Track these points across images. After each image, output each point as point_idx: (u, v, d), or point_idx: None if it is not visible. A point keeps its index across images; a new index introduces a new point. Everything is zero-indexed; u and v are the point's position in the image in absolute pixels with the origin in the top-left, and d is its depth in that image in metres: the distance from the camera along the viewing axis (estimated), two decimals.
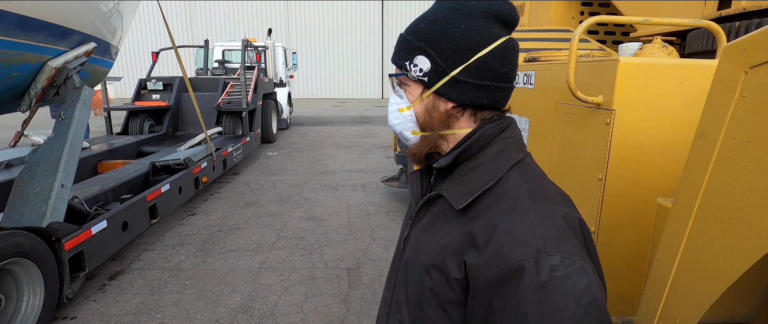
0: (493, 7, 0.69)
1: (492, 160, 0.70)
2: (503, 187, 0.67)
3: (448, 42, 0.69)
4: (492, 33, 0.69)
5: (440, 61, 0.70)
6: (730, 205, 0.76)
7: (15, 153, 4.67)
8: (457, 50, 0.69)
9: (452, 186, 0.72)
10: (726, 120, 0.76)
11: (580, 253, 0.60)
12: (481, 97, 0.71)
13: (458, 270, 0.64)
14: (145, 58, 22.19)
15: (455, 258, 0.65)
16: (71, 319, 2.92)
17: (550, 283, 0.56)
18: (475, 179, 0.69)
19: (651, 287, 0.97)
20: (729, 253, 0.76)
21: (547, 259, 0.57)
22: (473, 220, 0.66)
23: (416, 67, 0.72)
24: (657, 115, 1.41)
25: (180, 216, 4.97)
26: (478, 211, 0.67)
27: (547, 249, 0.58)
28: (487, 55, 0.69)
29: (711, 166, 0.80)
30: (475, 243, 0.63)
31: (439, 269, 0.67)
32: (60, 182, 2.97)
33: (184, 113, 7.85)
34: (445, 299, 0.67)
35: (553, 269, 0.57)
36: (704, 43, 2.25)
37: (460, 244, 0.65)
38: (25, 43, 2.94)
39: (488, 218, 0.64)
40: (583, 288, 0.57)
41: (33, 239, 2.53)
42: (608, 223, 1.49)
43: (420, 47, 0.72)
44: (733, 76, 0.75)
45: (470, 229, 0.65)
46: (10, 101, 3.38)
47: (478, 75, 0.69)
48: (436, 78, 0.71)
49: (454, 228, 0.68)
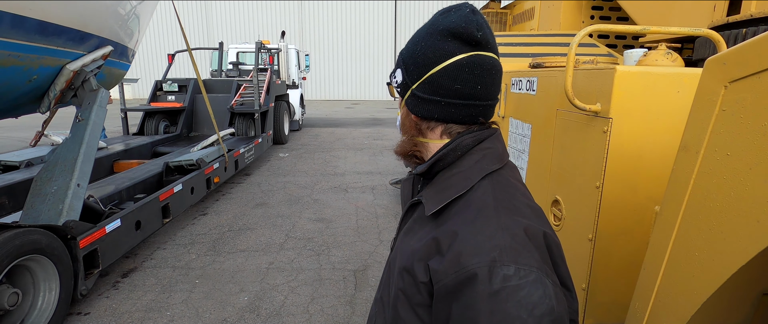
0: (452, 25, 0.71)
1: (468, 170, 0.72)
2: (472, 197, 0.69)
3: (412, 58, 0.75)
4: (445, 50, 0.71)
5: (406, 76, 0.77)
6: (710, 216, 0.77)
7: (35, 152, 4.83)
8: (416, 66, 0.74)
9: (429, 192, 0.75)
10: (707, 133, 0.78)
11: (538, 265, 0.61)
12: (431, 111, 0.75)
13: (424, 274, 0.67)
14: (161, 60, 22.61)
15: (422, 262, 0.68)
16: (85, 314, 3.01)
17: (502, 292, 0.58)
18: (449, 187, 0.72)
19: (638, 295, 0.98)
20: (709, 263, 0.77)
21: (501, 268, 0.59)
22: (440, 226, 0.69)
23: (395, 80, 0.80)
24: (655, 123, 1.41)
25: (192, 216, 5.08)
26: (446, 217, 0.70)
27: (501, 259, 0.60)
28: (439, 72, 0.72)
29: (693, 178, 0.81)
30: (439, 249, 0.66)
31: (409, 272, 0.70)
32: (76, 182, 3.07)
33: (198, 114, 8.00)
34: (415, 302, 0.69)
35: (505, 279, 0.58)
36: (712, 49, 2.23)
37: (427, 249, 0.68)
38: (45, 48, 3.05)
39: (452, 225, 0.67)
40: (537, 299, 0.58)
41: (50, 237, 2.62)
42: (606, 231, 1.49)
43: (400, 62, 0.79)
44: (713, 90, 0.77)
45: (436, 235, 0.68)
46: (30, 103, 3.51)
47: (430, 90, 0.74)
48: (404, 91, 0.78)
49: (425, 233, 0.71)
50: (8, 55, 2.76)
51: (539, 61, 2.19)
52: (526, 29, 4.72)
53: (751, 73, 0.70)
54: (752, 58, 0.69)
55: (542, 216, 0.71)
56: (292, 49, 12.19)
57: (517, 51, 3.07)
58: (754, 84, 0.69)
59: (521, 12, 4.92)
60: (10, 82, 2.99)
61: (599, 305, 1.54)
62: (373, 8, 23.54)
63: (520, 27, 4.91)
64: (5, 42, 2.68)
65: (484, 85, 0.73)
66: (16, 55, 2.83)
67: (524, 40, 3.30)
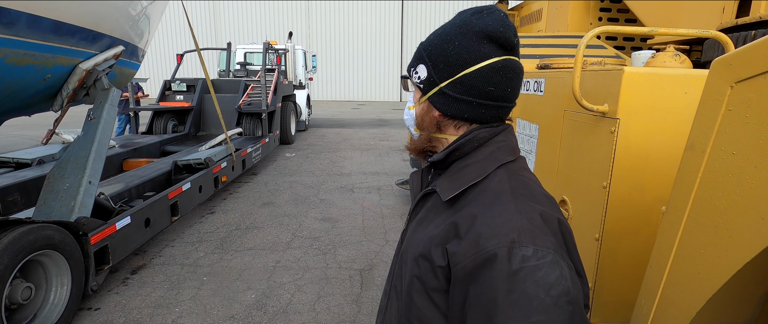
0: (489, 28, 0.72)
1: (483, 161, 0.75)
2: (488, 183, 0.72)
3: (442, 56, 0.75)
4: (482, 53, 0.73)
5: (433, 72, 0.77)
6: (716, 215, 0.78)
7: (47, 150, 4.90)
8: (447, 65, 0.75)
9: (444, 181, 0.77)
10: (713, 132, 0.79)
11: (554, 247, 0.63)
12: (462, 111, 0.76)
13: (442, 258, 0.69)
14: (170, 59, 22.81)
15: (440, 246, 0.69)
16: (95, 310, 3.06)
17: (521, 271, 0.60)
18: (464, 176, 0.74)
19: (644, 293, 0.99)
20: (714, 261, 0.78)
21: (520, 249, 0.61)
22: (458, 211, 0.71)
23: (417, 74, 0.80)
24: (662, 124, 1.42)
25: (200, 214, 5.13)
26: (463, 203, 0.72)
27: (520, 240, 0.62)
28: (473, 73, 0.73)
29: (699, 177, 0.82)
30: (458, 232, 0.68)
31: (426, 258, 0.71)
32: (88, 179, 3.12)
33: (206, 114, 8.06)
34: (430, 287, 0.71)
35: (524, 259, 0.60)
36: (720, 51, 2.23)
37: (444, 234, 0.70)
38: (59, 47, 3.11)
39: (470, 209, 0.69)
40: (554, 280, 0.60)
41: (62, 233, 2.67)
42: (613, 231, 1.50)
43: (422, 57, 0.79)
44: (720, 90, 0.78)
45: (454, 220, 0.70)
46: (44, 101, 3.57)
47: (462, 90, 0.75)
48: (429, 87, 0.78)
49: (442, 220, 0.73)
50: (24, 54, 2.82)
51: (547, 62, 2.20)
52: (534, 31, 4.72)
53: (756, 74, 0.71)
54: (758, 58, 0.70)
55: (555, 204, 0.74)
56: (299, 49, 12.26)
57: (525, 52, 3.08)
58: (760, 84, 0.70)
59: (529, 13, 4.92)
60: (25, 80, 3.05)
61: (605, 304, 1.55)
62: (380, 9, 23.59)
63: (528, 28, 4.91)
64: (21, 41, 2.74)
65: (513, 89, 0.76)
66: (32, 55, 2.88)
67: (532, 42, 3.31)
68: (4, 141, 9.13)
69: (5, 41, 2.62)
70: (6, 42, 2.63)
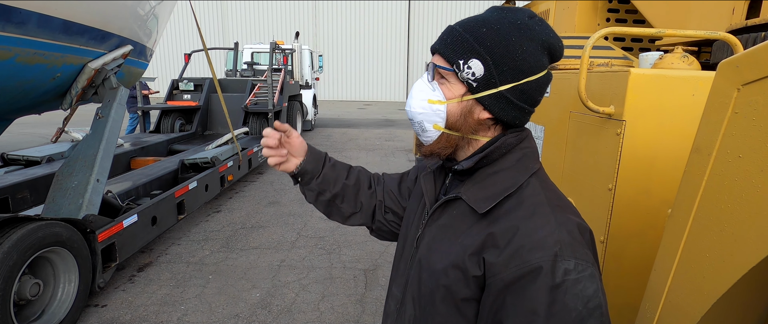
0: (551, 40, 0.73)
1: (512, 168, 0.75)
2: (524, 194, 0.72)
3: (507, 57, 0.71)
4: (542, 63, 0.73)
5: (495, 72, 0.71)
6: (721, 218, 0.78)
7: (56, 148, 4.97)
8: (512, 69, 0.71)
9: (472, 190, 0.75)
10: (719, 135, 0.78)
11: (591, 261, 0.65)
12: (516, 117, 0.75)
13: (478, 267, 0.69)
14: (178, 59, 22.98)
15: (475, 256, 0.70)
16: (102, 306, 3.09)
17: (563, 285, 0.62)
18: (495, 184, 0.74)
19: (648, 297, 0.98)
20: (719, 265, 0.77)
21: (563, 262, 0.62)
22: (495, 222, 0.70)
23: (470, 70, 0.72)
24: (670, 126, 1.41)
25: (206, 212, 5.16)
26: (499, 214, 0.71)
27: (563, 254, 0.63)
28: (533, 82, 0.73)
29: (705, 180, 0.81)
30: (496, 243, 0.68)
31: (458, 267, 0.71)
32: (96, 177, 3.16)
33: (213, 113, 8.12)
34: (460, 296, 0.71)
35: (566, 273, 0.62)
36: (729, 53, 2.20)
37: (481, 244, 0.70)
38: (68, 46, 3.15)
39: (510, 221, 0.69)
40: (591, 293, 0.63)
41: (70, 230, 2.70)
42: (618, 234, 1.49)
43: (478, 52, 0.71)
44: (726, 93, 0.77)
45: (492, 230, 0.69)
46: (53, 99, 3.62)
47: (522, 97, 0.73)
48: (485, 87, 0.72)
49: (475, 230, 0.72)
50: (34, 54, 2.86)
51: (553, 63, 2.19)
52: None
53: (763, 76, 0.70)
54: (765, 61, 0.70)
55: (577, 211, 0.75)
56: (306, 49, 12.29)
57: None
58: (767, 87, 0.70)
59: None
60: (35, 79, 3.09)
61: (610, 308, 1.53)
62: (387, 9, 23.59)
63: None
64: (32, 40, 2.77)
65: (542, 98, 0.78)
66: (42, 54, 2.92)
67: None
68: (15, 139, 9.25)
69: (16, 40, 2.66)
70: (17, 41, 2.67)
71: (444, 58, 0.74)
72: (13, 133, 9.69)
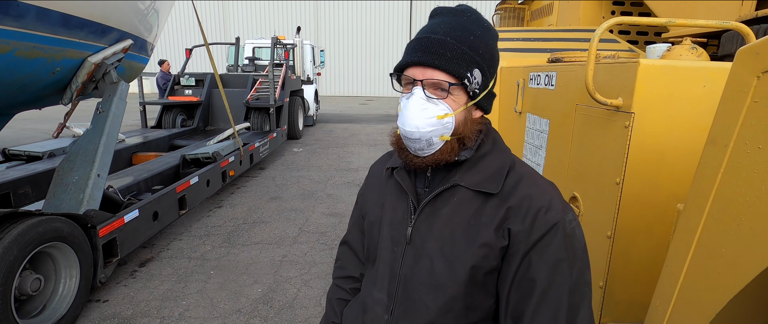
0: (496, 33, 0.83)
1: (494, 151, 0.84)
2: (517, 170, 0.82)
3: (492, 60, 0.81)
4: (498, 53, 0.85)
5: (489, 75, 0.81)
6: (739, 212, 0.75)
7: (58, 143, 4.95)
8: (494, 67, 0.82)
9: (469, 176, 0.82)
10: (737, 125, 0.75)
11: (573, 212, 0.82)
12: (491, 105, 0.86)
13: (503, 239, 0.78)
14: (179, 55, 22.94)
15: (499, 230, 0.78)
16: (104, 302, 3.08)
17: (571, 232, 0.77)
18: (488, 167, 0.82)
19: (659, 293, 0.96)
20: (736, 261, 0.75)
21: (567, 215, 0.78)
22: (507, 197, 0.79)
23: (475, 80, 0.78)
24: (679, 119, 1.37)
25: (207, 208, 5.15)
26: (507, 190, 0.81)
27: (565, 209, 0.79)
28: None
29: (721, 173, 0.78)
30: (517, 213, 0.78)
31: (486, 245, 0.78)
32: (96, 172, 3.14)
33: (214, 108, 8.10)
34: (486, 270, 0.79)
35: (570, 222, 0.78)
36: (739, 45, 2.16)
37: (502, 218, 0.78)
38: (67, 40, 3.12)
39: (521, 193, 0.79)
40: (580, 235, 0.79)
41: (71, 225, 2.69)
42: (625, 229, 1.46)
43: (477, 62, 0.78)
44: (745, 81, 0.74)
45: (509, 205, 0.79)
46: (53, 94, 3.59)
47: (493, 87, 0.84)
48: (482, 90, 0.81)
49: (489, 209, 0.80)
50: (33, 47, 2.83)
51: (558, 55, 2.15)
52: (545, 25, 4.64)
53: None
54: None
55: None
56: (308, 44, 12.24)
57: (535, 46, 3.03)
58: None
59: (539, 8, 4.84)
60: (34, 73, 3.06)
61: (617, 304, 1.51)
62: (389, 4, 23.48)
63: (538, 23, 4.83)
64: (30, 34, 2.75)
65: None
66: (41, 48, 2.89)
67: (542, 36, 3.25)
68: (16, 134, 9.26)
69: (15, 34, 2.63)
70: (16, 35, 2.64)
71: (447, 73, 0.77)
72: (14, 128, 9.70)
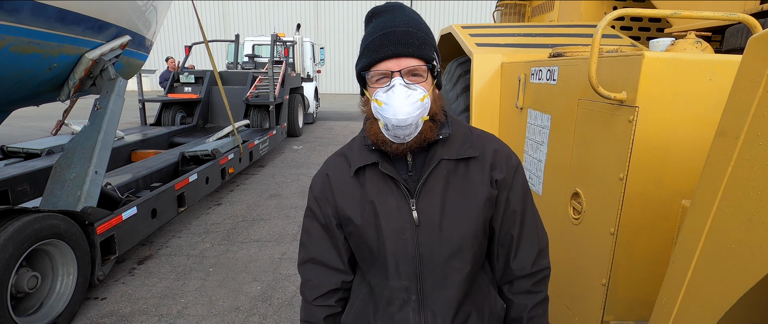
0: None
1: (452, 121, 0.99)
2: (473, 131, 1.01)
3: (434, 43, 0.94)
4: None
5: (438, 56, 0.93)
6: (750, 206, 0.72)
7: (56, 141, 4.93)
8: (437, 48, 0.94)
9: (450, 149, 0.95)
10: (749, 116, 0.72)
11: None
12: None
13: (494, 189, 0.96)
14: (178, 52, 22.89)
15: (491, 183, 0.95)
16: (102, 299, 3.06)
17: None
18: (457, 136, 0.96)
19: (666, 291, 0.93)
20: (747, 257, 0.72)
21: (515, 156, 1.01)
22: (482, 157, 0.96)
23: (436, 62, 0.92)
24: (685, 113, 1.35)
25: (206, 205, 5.13)
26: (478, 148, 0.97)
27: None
28: None
29: (731, 166, 0.75)
30: (495, 166, 0.96)
31: (488, 199, 0.94)
32: (94, 169, 3.11)
33: (214, 106, 8.06)
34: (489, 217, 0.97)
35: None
36: (744, 39, 2.13)
37: (488, 174, 0.96)
38: (64, 36, 3.09)
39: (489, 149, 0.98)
40: None
41: (68, 222, 2.66)
42: (629, 225, 1.43)
43: (434, 46, 0.92)
44: (757, 70, 0.71)
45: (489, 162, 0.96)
46: (50, 91, 3.56)
47: None
48: (437, 70, 0.93)
49: (474, 169, 0.95)
50: (29, 43, 2.80)
51: (560, 50, 2.12)
52: (546, 21, 4.60)
53: None
54: None
55: None
56: (307, 42, 12.20)
57: (536, 41, 3.00)
58: None
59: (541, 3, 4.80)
60: (31, 69, 3.03)
61: (620, 302, 1.48)
62: None
63: (539, 18, 4.79)
64: (26, 29, 2.72)
65: None
66: (37, 43, 2.86)
67: (544, 31, 3.22)
68: (15, 132, 9.23)
69: (9, 29, 2.60)
70: (10, 29, 2.61)
71: (421, 59, 0.88)
72: (13, 126, 9.68)
